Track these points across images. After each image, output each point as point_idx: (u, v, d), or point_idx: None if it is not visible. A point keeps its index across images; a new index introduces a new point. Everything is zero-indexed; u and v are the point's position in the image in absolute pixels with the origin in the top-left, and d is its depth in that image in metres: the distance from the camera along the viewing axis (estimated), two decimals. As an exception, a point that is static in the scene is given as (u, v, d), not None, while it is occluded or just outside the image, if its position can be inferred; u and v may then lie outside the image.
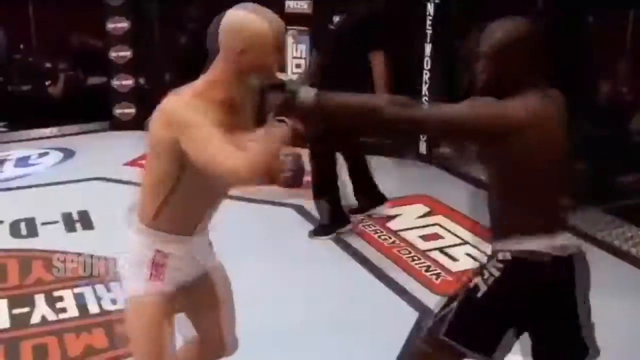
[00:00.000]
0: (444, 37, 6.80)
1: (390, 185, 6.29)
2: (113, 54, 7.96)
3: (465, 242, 5.27)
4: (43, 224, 5.51)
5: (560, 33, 6.34)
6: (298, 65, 7.19)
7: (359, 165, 5.56)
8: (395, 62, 7.31)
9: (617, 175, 5.99)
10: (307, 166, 3.10)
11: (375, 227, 5.51)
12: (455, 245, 5.25)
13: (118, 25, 7.86)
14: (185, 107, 2.47)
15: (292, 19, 6.86)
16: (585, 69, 6.47)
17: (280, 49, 2.56)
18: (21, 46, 8.78)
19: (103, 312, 4.25)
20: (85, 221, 5.54)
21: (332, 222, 5.36)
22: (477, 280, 2.66)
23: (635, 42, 6.70)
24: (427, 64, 6.88)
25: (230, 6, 2.57)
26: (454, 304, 2.70)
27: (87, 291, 4.44)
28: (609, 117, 6.36)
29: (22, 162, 7.12)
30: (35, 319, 4.21)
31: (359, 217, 5.60)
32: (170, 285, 2.71)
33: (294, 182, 2.73)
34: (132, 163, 6.76)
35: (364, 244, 5.22)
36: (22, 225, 5.48)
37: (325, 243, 5.22)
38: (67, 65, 8.67)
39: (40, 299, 4.39)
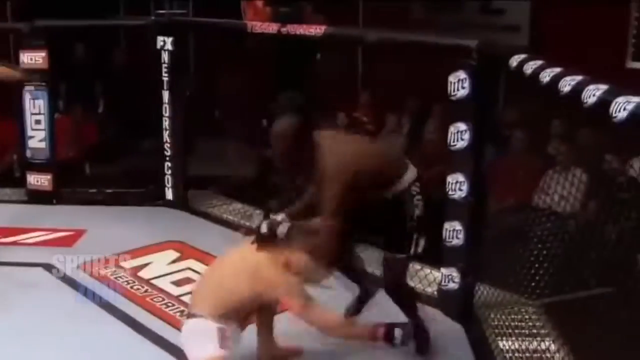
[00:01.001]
0: (180, 83, 6.96)
1: (139, 233, 6.33)
2: None
3: (217, 284, 5.39)
4: None
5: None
6: (38, 122, 7.03)
7: None
8: (135, 111, 7.45)
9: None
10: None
11: (127, 277, 5.48)
12: (208, 287, 5.34)
13: None
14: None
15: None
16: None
17: None
18: None
19: None
20: None
21: None
22: None
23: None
24: (166, 110, 6.99)
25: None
26: None
27: None
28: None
29: None
30: None
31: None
32: (231, 353, 3.69)
33: None
34: None
35: (117, 297, 5.15)
36: None
37: (77, 297, 5.09)
38: None
39: None
